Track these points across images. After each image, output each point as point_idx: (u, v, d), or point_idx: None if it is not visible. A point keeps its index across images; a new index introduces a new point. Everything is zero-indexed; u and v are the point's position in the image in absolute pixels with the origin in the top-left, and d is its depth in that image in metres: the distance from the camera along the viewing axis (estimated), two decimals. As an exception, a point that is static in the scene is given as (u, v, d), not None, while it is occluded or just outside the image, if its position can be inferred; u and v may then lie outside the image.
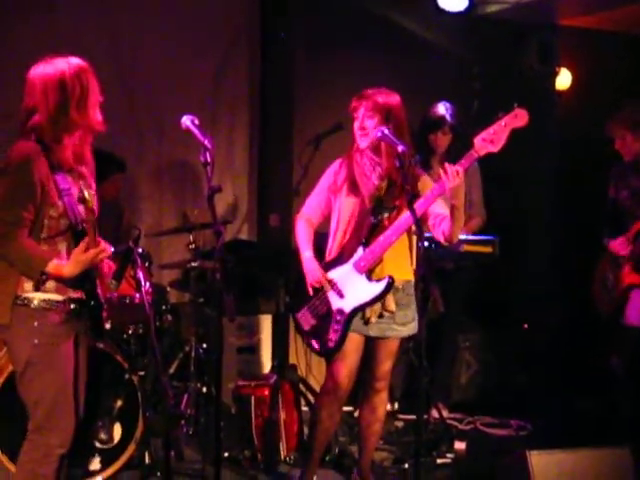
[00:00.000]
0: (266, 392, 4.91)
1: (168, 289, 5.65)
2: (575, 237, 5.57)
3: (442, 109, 5.68)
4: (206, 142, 3.43)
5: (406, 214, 3.96)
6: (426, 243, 4.15)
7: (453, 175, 3.84)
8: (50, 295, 3.41)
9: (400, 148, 3.73)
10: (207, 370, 5.22)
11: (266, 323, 5.81)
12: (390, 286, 4.03)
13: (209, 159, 3.41)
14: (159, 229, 5.68)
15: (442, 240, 4.07)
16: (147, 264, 4.97)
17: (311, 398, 5.17)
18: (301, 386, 5.17)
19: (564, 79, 6.73)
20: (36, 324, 3.41)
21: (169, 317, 5.48)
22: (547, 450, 3.89)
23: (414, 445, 4.16)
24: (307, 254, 4.27)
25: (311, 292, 4.22)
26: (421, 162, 5.73)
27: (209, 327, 5.35)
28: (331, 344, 4.15)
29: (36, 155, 3.35)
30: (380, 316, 4.10)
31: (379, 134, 3.89)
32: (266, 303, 5.91)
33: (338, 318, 4.12)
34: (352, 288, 4.10)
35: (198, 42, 6.11)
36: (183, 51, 6.04)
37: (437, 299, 5.07)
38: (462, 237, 5.33)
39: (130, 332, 4.91)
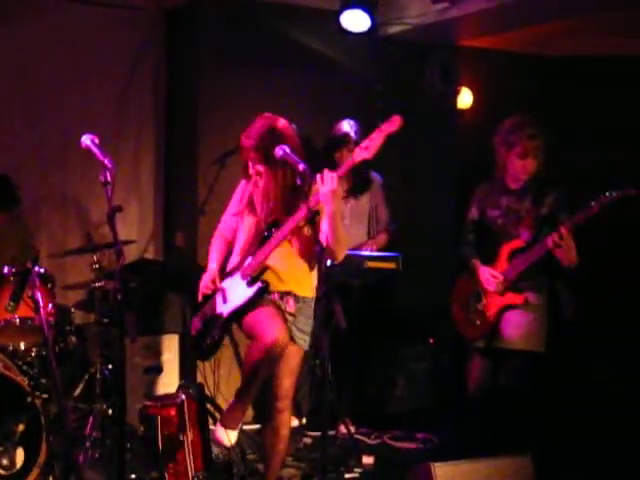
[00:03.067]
0: (172, 412, 4.84)
1: (73, 310, 5.55)
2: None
3: (346, 126, 5.72)
4: (106, 161, 3.42)
5: (289, 221, 3.99)
6: (329, 262, 4.14)
7: (327, 180, 3.82)
8: None
9: (301, 167, 3.75)
10: (113, 391, 5.15)
11: (173, 343, 5.75)
12: (262, 290, 4.05)
13: (109, 178, 3.40)
14: (63, 249, 5.60)
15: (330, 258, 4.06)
16: (49, 285, 4.90)
17: (218, 417, 5.14)
18: (208, 405, 5.14)
19: (465, 98, 6.87)
20: None
21: (73, 338, 5.36)
22: (451, 461, 3.95)
23: (321, 461, 4.17)
24: (212, 266, 4.34)
25: (200, 299, 4.32)
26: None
27: (114, 348, 5.29)
28: (206, 345, 4.28)
29: None
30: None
31: (280, 152, 3.88)
32: (172, 322, 5.88)
33: (217, 322, 4.22)
34: (234, 293, 4.17)
35: (103, 63, 6.10)
36: (88, 72, 6.01)
37: (339, 315, 5.08)
38: (366, 254, 5.42)
39: (33, 354, 4.84)
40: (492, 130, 4.94)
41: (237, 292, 4.16)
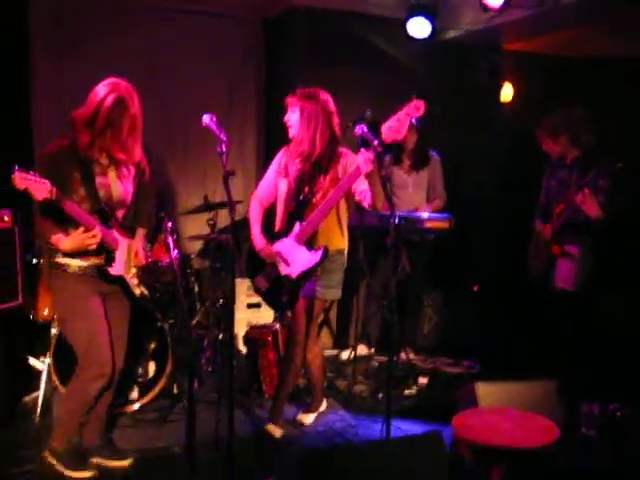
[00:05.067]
0: (269, 337, 4.94)
1: (192, 257, 5.64)
2: (516, 218, 5.55)
3: None
4: (222, 135, 3.43)
5: (333, 192, 3.87)
6: (397, 219, 4.09)
7: (367, 161, 3.70)
8: (76, 261, 3.53)
9: (375, 142, 3.70)
10: (223, 320, 5.24)
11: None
12: (326, 254, 3.94)
13: (224, 149, 3.42)
14: (186, 209, 5.68)
15: (368, 208, 3.95)
16: (175, 236, 4.96)
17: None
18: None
19: (507, 92, 6.74)
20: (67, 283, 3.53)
21: (193, 279, 5.49)
22: (490, 382, 3.93)
23: (386, 380, 4.18)
24: (255, 230, 4.18)
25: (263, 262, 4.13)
26: (393, 157, 5.82)
27: (225, 287, 5.35)
28: (282, 302, 4.10)
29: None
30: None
31: (359, 131, 3.78)
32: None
33: (287, 282, 4.04)
34: (295, 257, 4.00)
35: (217, 59, 6.12)
36: (205, 66, 6.06)
37: (405, 263, 5.07)
38: (425, 215, 5.38)
39: (161, 289, 4.95)
40: (528, 119, 4.87)
41: (299, 256, 3.98)
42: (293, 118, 4.05)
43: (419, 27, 5.79)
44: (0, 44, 5.11)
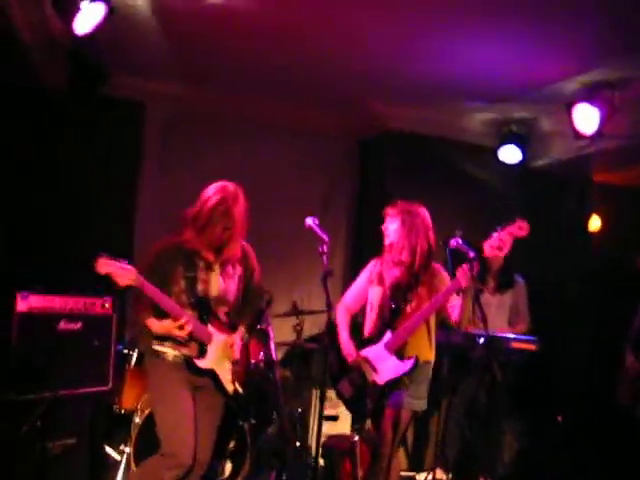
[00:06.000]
0: (349, 447, 4.85)
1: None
2: (607, 343, 5.44)
3: None
4: (324, 236, 3.58)
5: (429, 303, 3.92)
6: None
7: (465, 274, 3.77)
8: (170, 350, 3.62)
9: (471, 254, 3.78)
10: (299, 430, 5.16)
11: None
12: (416, 364, 3.94)
13: (325, 249, 3.55)
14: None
15: (454, 322, 3.99)
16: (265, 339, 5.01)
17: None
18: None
19: (595, 223, 6.78)
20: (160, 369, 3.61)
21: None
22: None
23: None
24: (343, 336, 4.19)
25: (349, 367, 4.11)
26: (479, 277, 5.83)
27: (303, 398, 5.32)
28: (367, 409, 4.05)
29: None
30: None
31: (454, 243, 3.89)
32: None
33: (373, 389, 4.01)
34: (384, 365, 4.00)
35: (314, 174, 6.45)
36: (304, 179, 6.38)
37: (496, 370, 4.98)
38: (511, 336, 5.31)
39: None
40: (615, 250, 4.89)
41: (388, 364, 3.99)
42: (391, 228, 4.17)
43: (510, 154, 5.98)
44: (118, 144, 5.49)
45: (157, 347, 3.63)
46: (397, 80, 5.39)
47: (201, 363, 3.65)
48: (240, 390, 3.87)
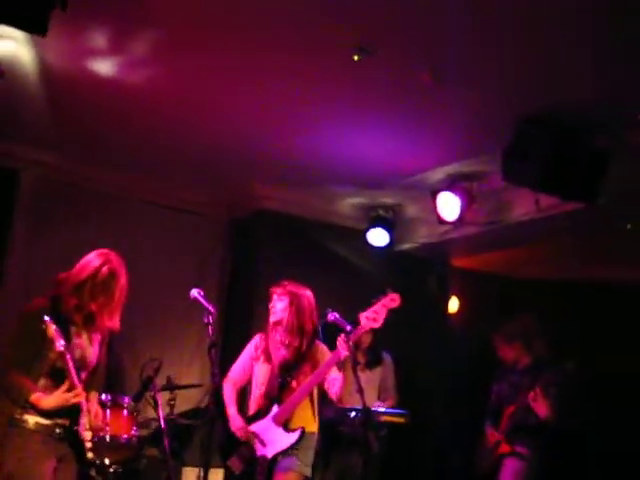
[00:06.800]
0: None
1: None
2: (466, 418, 5.73)
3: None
4: (210, 308, 3.63)
5: (312, 376, 4.08)
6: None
7: (344, 344, 3.94)
8: (36, 418, 3.40)
9: (348, 327, 3.96)
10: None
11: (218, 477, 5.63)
12: (303, 435, 4.07)
13: (211, 320, 3.59)
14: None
15: (334, 396, 4.16)
16: (135, 414, 4.88)
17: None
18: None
19: (453, 304, 7.19)
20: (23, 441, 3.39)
21: (144, 461, 5.30)
22: None
23: None
24: (232, 411, 4.25)
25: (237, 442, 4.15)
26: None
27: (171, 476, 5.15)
28: None
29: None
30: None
31: (331, 317, 4.08)
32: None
33: (262, 463, 4.08)
34: (272, 438, 4.10)
35: (184, 253, 6.45)
36: (174, 257, 6.37)
37: (372, 442, 5.10)
38: (382, 409, 5.48)
39: (111, 470, 4.71)
40: (473, 330, 5.22)
41: (276, 437, 4.08)
42: (278, 307, 4.28)
43: (378, 237, 6.31)
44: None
45: (19, 416, 3.41)
46: (266, 160, 5.61)
47: (82, 430, 3.46)
48: (97, 459, 3.75)
